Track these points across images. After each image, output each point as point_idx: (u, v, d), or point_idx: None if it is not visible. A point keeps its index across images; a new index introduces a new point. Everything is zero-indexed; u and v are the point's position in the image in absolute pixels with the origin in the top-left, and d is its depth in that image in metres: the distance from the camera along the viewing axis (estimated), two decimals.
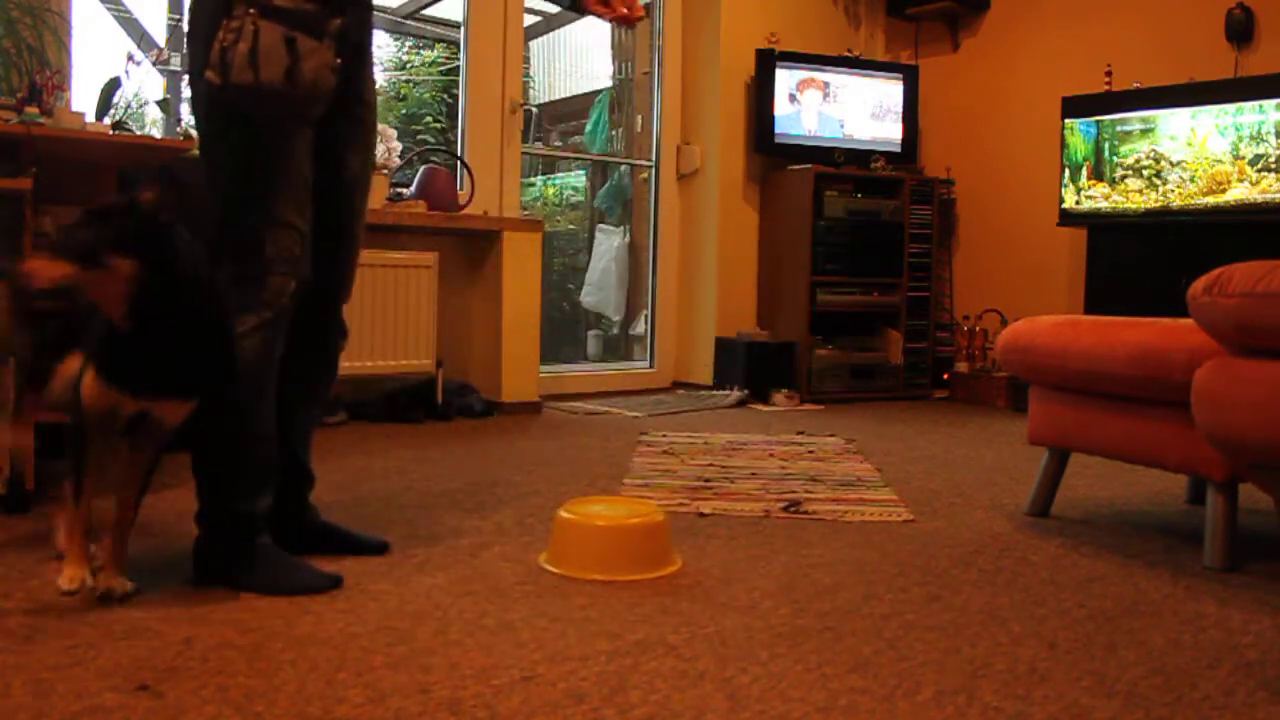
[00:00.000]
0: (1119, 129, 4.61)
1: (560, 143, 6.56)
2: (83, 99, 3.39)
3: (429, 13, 5.79)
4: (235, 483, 1.92)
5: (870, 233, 5.21)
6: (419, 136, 5.99)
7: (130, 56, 3.55)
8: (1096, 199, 4.69)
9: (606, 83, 6.01)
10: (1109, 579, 2.12)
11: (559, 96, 6.68)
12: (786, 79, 5.22)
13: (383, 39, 5.89)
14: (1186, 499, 2.89)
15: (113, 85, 3.24)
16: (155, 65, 3.84)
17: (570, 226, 6.46)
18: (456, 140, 4.75)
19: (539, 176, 6.48)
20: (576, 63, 6.62)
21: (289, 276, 1.93)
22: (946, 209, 5.60)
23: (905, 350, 5.29)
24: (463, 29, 4.71)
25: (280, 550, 1.95)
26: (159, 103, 3.76)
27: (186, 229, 1.81)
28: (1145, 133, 4.53)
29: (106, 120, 3.19)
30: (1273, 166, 4.13)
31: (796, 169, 5.20)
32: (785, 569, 2.12)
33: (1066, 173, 4.77)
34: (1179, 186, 4.41)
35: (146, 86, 3.80)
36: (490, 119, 4.70)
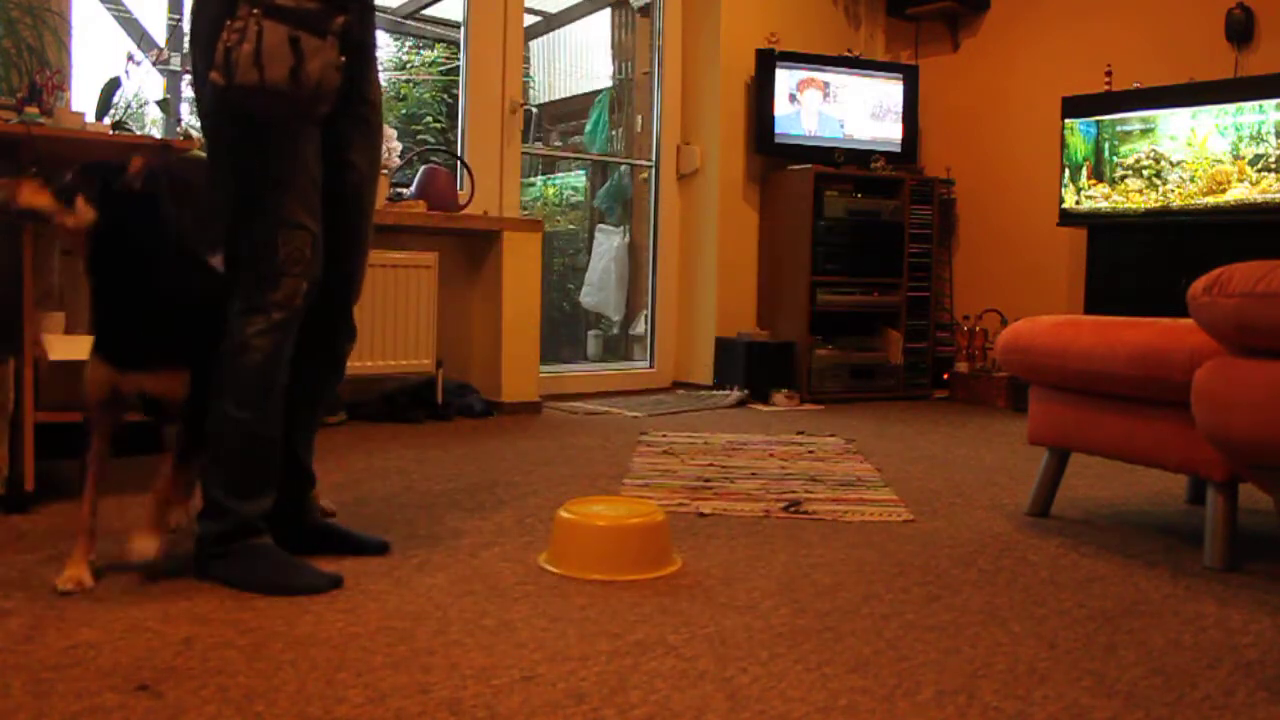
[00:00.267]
0: (1119, 129, 4.61)
1: (560, 143, 6.56)
2: (83, 99, 3.40)
3: (429, 13, 5.80)
4: (239, 483, 1.92)
5: (870, 233, 5.21)
6: (419, 136, 5.99)
7: (130, 56, 3.55)
8: (1096, 199, 4.69)
9: (606, 83, 6.01)
10: (1109, 579, 2.12)
11: (559, 96, 6.68)
12: (786, 79, 5.22)
13: (383, 39, 5.89)
14: (1186, 499, 2.89)
15: (113, 85, 3.24)
16: (155, 65, 3.85)
17: (570, 226, 6.46)
18: (456, 140, 4.75)
19: (539, 176, 6.48)
20: (576, 63, 6.62)
21: (301, 278, 1.93)
22: (946, 209, 5.60)
23: (905, 350, 5.29)
24: (463, 29, 4.71)
25: (281, 550, 1.95)
26: (159, 103, 3.76)
27: (183, 218, 1.85)
28: (1145, 133, 4.53)
29: (106, 120, 3.19)
30: (1273, 166, 4.13)
31: (796, 169, 5.20)
32: (785, 569, 2.12)
33: (1066, 173, 4.77)
34: (1179, 186, 4.41)
35: (146, 86, 3.81)
36: (490, 119, 4.70)
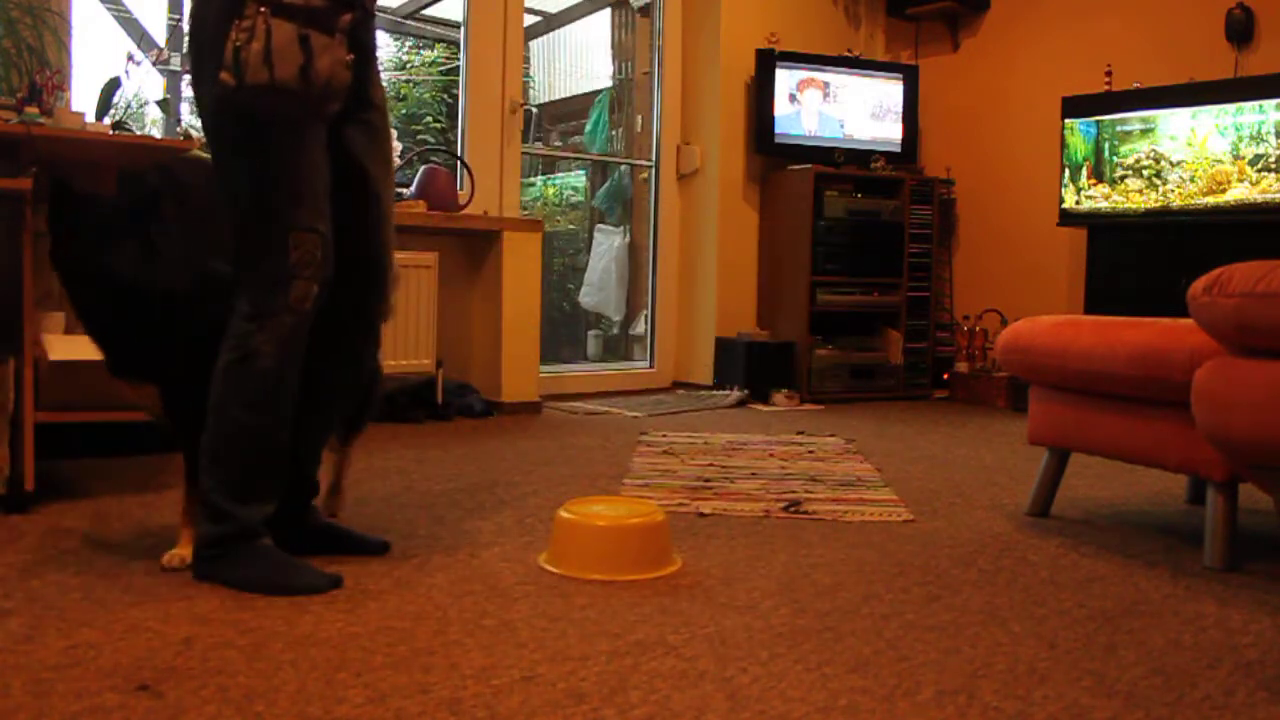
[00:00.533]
0: (1119, 129, 4.61)
1: (560, 143, 6.56)
2: (83, 99, 3.40)
3: (429, 13, 5.80)
4: (239, 486, 1.92)
5: (870, 233, 5.21)
6: (419, 136, 5.99)
7: (130, 56, 3.56)
8: (1096, 199, 4.69)
9: (606, 83, 6.01)
10: (1109, 579, 2.12)
11: (559, 96, 6.68)
12: (786, 79, 5.22)
13: (383, 39, 5.90)
14: (1186, 499, 2.89)
15: (113, 85, 3.24)
16: (155, 65, 3.85)
17: (570, 226, 6.46)
18: (456, 140, 4.75)
19: (539, 176, 6.48)
20: (576, 63, 6.62)
21: (312, 281, 1.91)
22: (946, 209, 5.60)
23: (905, 350, 5.29)
24: (463, 29, 4.71)
25: (281, 550, 1.95)
26: (159, 103, 3.77)
27: (183, 227, 1.85)
28: (1145, 133, 4.53)
29: (106, 120, 3.19)
30: (1273, 166, 4.13)
31: (796, 169, 5.20)
32: (785, 569, 2.12)
33: (1066, 173, 4.77)
34: (1179, 186, 4.41)
35: (146, 86, 3.81)
36: (490, 119, 4.70)
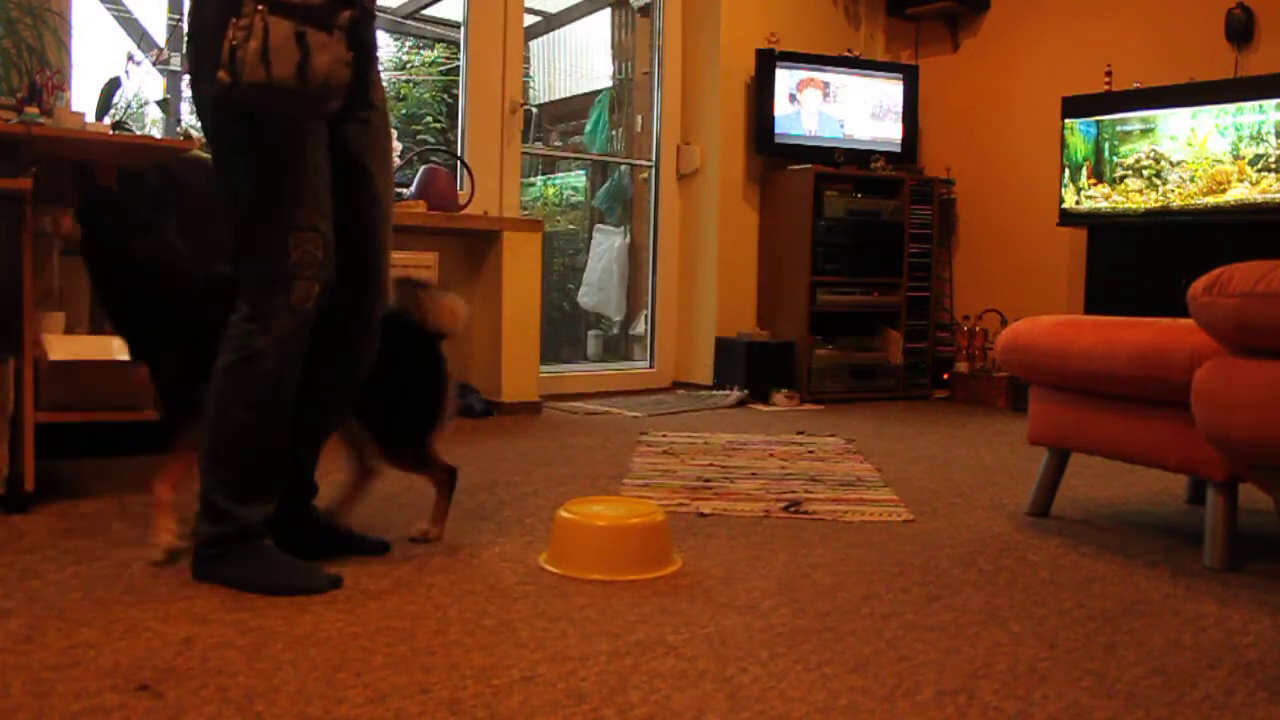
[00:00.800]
0: (1119, 129, 4.61)
1: (560, 143, 6.56)
2: (83, 99, 3.40)
3: (429, 13, 5.80)
4: (239, 486, 1.92)
5: (870, 233, 5.21)
6: (419, 136, 5.99)
7: (130, 56, 3.56)
8: (1096, 199, 4.69)
9: (606, 83, 6.01)
10: (1109, 579, 2.12)
11: (559, 96, 6.68)
12: (786, 79, 5.22)
13: (383, 39, 5.89)
14: (1186, 499, 2.89)
15: (113, 85, 3.24)
16: (155, 65, 3.85)
17: (570, 226, 6.46)
18: (456, 140, 4.75)
19: (539, 176, 6.48)
20: (576, 63, 6.62)
21: (313, 281, 1.90)
22: (946, 209, 5.60)
23: (905, 350, 5.29)
24: (463, 29, 4.71)
25: (281, 550, 1.95)
26: (159, 103, 3.76)
27: (182, 228, 1.85)
28: (1145, 133, 4.53)
29: (106, 120, 3.19)
30: (1273, 166, 4.13)
31: (796, 169, 5.19)
32: (785, 569, 2.12)
33: (1066, 173, 4.77)
34: (1179, 186, 4.41)
35: (146, 86, 3.81)
36: (490, 119, 4.70)
